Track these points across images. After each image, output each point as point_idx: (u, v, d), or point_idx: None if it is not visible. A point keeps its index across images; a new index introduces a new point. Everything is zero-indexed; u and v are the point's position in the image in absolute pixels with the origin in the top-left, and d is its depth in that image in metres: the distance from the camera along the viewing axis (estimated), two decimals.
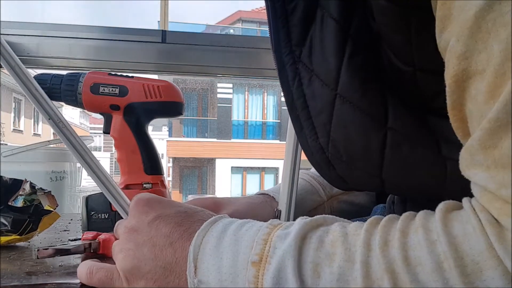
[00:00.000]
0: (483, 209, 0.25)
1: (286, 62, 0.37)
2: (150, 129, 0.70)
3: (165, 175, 0.70)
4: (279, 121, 11.66)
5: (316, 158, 0.39)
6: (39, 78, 0.66)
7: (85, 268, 0.39)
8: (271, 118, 11.94)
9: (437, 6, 0.27)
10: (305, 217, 0.32)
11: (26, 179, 0.58)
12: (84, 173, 1.29)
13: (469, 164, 0.26)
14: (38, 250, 0.45)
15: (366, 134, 0.35)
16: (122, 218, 0.43)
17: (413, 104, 0.35)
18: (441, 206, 0.28)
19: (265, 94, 11.80)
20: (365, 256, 0.27)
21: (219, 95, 11.67)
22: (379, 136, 0.34)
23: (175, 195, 11.59)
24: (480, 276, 0.24)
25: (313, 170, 0.59)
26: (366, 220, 0.30)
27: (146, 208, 0.37)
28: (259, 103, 11.92)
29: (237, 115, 11.80)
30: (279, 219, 0.48)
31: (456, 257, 0.24)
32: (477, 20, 0.24)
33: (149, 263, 0.35)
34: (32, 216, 0.55)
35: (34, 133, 14.46)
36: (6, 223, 0.54)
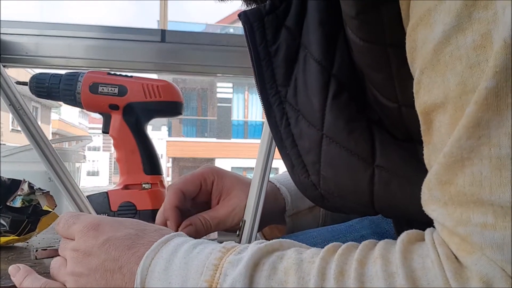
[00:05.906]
0: (442, 243, 0.25)
1: (273, 102, 0.38)
2: (149, 129, 0.70)
3: (164, 175, 0.70)
4: None
5: (310, 194, 0.39)
6: (38, 78, 0.66)
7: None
8: None
9: (406, 39, 0.27)
10: (261, 241, 0.32)
11: (24, 179, 0.58)
12: (83, 173, 1.29)
13: (427, 199, 0.25)
14: (36, 250, 0.45)
15: (354, 173, 0.35)
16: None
17: (401, 138, 0.34)
18: (403, 236, 0.27)
19: None
20: (318, 286, 0.26)
21: (218, 95, 11.67)
22: (367, 175, 0.34)
23: None
24: None
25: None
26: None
27: (94, 233, 0.35)
28: (259, 102, 11.87)
29: (237, 115, 11.81)
30: (243, 230, 0.46)
31: None
32: (436, 53, 0.24)
33: None
34: (31, 216, 0.55)
35: None
36: (5, 224, 0.54)
